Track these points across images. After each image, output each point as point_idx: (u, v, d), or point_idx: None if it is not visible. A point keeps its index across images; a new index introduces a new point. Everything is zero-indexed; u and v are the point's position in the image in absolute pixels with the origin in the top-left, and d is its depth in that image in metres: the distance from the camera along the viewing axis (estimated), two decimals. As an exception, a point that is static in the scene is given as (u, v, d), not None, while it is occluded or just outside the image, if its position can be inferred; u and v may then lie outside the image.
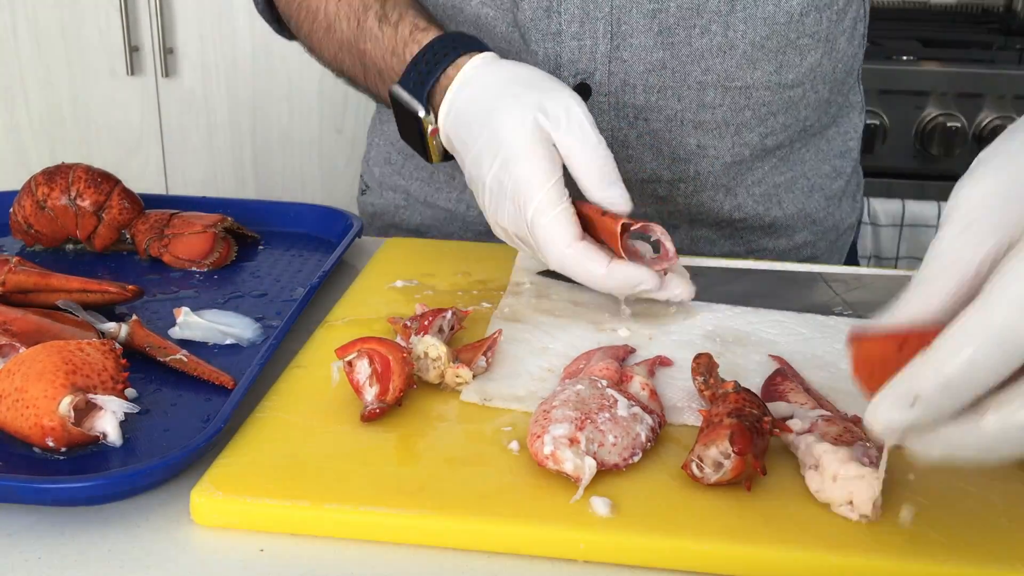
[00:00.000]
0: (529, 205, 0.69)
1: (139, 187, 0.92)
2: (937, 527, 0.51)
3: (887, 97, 1.76)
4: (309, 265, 0.85)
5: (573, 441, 0.53)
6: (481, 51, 0.76)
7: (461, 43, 0.78)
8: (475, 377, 0.63)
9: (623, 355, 0.67)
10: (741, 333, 0.72)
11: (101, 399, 0.56)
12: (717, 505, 0.52)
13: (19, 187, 0.87)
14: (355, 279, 0.80)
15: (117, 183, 0.86)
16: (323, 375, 0.64)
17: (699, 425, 0.57)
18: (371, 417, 0.58)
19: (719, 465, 0.52)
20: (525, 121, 0.69)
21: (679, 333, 0.72)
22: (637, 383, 0.61)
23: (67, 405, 0.54)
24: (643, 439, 0.56)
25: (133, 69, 2.03)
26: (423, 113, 0.77)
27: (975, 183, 0.44)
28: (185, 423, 0.60)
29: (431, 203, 1.02)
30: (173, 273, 0.83)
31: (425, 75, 0.77)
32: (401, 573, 0.50)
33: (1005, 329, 0.39)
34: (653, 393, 0.61)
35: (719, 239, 0.98)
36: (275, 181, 2.13)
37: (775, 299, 0.77)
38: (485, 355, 0.65)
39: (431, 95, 0.77)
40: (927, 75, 1.75)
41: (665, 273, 0.70)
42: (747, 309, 0.76)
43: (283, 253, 0.88)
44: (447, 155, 0.79)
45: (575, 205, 0.69)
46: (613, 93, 0.89)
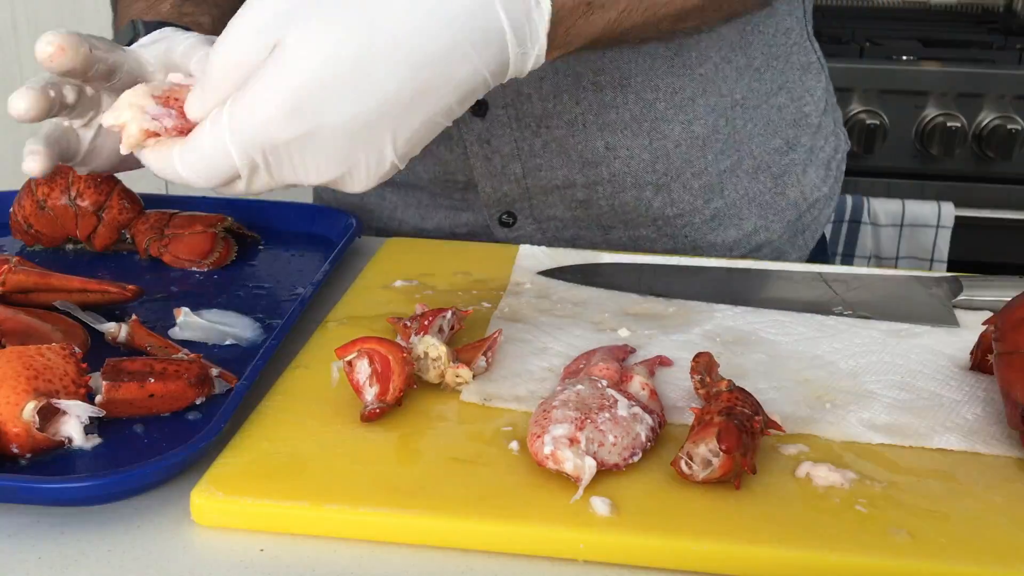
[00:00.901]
0: None
1: (139, 187, 0.92)
2: (937, 527, 0.51)
3: (887, 97, 1.76)
4: (309, 265, 0.85)
5: (573, 441, 0.53)
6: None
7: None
8: (475, 377, 0.63)
9: (623, 355, 0.67)
10: (741, 333, 0.72)
11: (65, 403, 0.55)
12: (717, 505, 0.52)
13: (19, 187, 0.87)
14: (355, 279, 0.80)
15: (117, 183, 0.86)
16: (323, 375, 0.64)
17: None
18: (371, 417, 0.58)
19: (708, 463, 0.52)
20: None
21: (679, 333, 0.72)
22: (637, 383, 0.61)
23: (31, 411, 0.54)
24: (643, 439, 0.56)
25: (133, 69, 2.03)
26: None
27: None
28: (185, 423, 0.60)
29: (365, 224, 1.01)
30: (173, 273, 0.83)
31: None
32: (401, 573, 0.50)
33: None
34: (653, 393, 0.61)
35: (659, 237, 0.95)
36: (275, 181, 2.13)
37: (775, 299, 0.77)
38: (485, 355, 0.65)
39: None
40: (927, 75, 1.75)
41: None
42: (747, 309, 0.76)
43: (283, 253, 0.88)
44: None
45: None
46: (511, 104, 0.88)
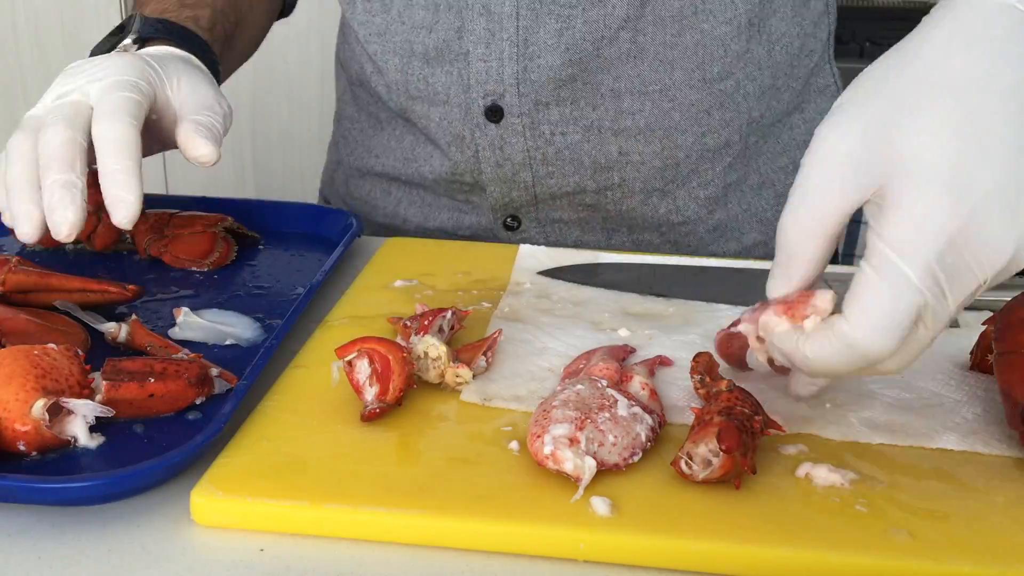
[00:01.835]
0: None
1: (139, 187, 0.92)
2: (937, 527, 0.51)
3: (887, 97, 1.75)
4: (309, 265, 0.85)
5: (573, 441, 0.53)
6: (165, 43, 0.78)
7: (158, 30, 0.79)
8: (475, 377, 0.63)
9: (623, 355, 0.67)
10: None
11: (72, 403, 0.56)
12: (717, 505, 0.52)
13: (19, 187, 0.87)
14: (355, 279, 0.80)
15: (117, 183, 0.86)
16: (323, 375, 0.64)
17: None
18: (371, 417, 0.58)
19: (708, 463, 0.52)
20: None
21: (679, 333, 0.72)
22: (637, 383, 0.61)
23: (41, 408, 0.54)
24: (643, 439, 0.56)
25: (133, 69, 2.03)
26: (129, 40, 0.78)
27: (835, 137, 0.50)
28: (185, 423, 0.60)
29: (370, 220, 1.03)
30: (173, 273, 0.83)
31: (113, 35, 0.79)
32: (401, 573, 0.50)
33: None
34: (653, 393, 0.61)
35: (662, 243, 0.96)
36: (275, 181, 2.13)
37: (775, 299, 0.77)
38: (485, 355, 0.65)
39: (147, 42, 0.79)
40: (927, 75, 1.74)
41: None
42: (747, 309, 0.76)
43: (283, 253, 0.88)
44: None
45: None
46: (527, 113, 0.88)
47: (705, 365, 0.62)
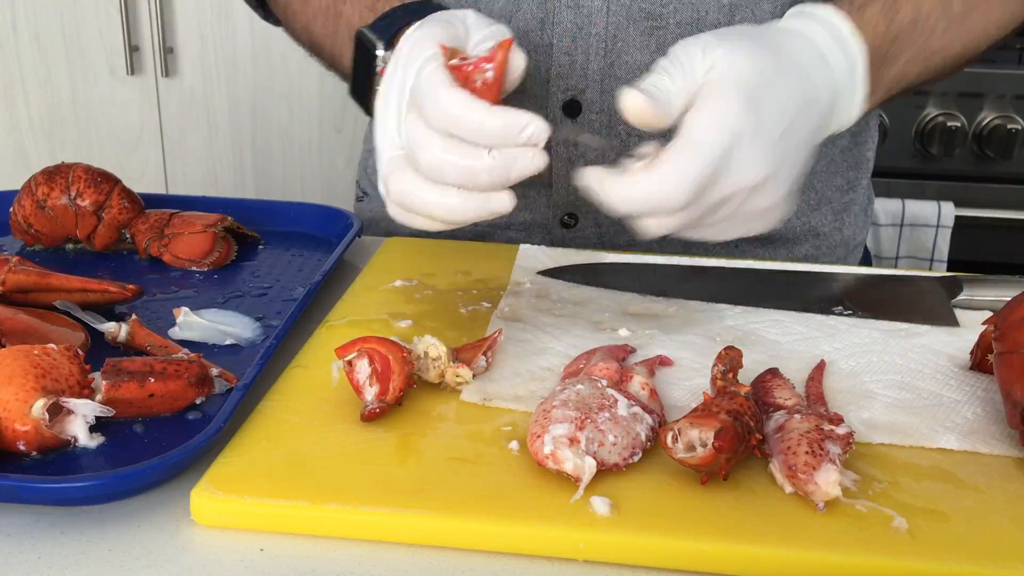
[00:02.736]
0: (412, 67, 0.64)
1: (139, 187, 0.92)
2: (937, 527, 0.51)
3: (887, 97, 1.76)
4: (309, 265, 0.85)
5: (573, 441, 0.53)
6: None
7: (437, 8, 0.73)
8: (475, 377, 0.63)
9: (623, 355, 0.67)
10: (741, 333, 0.72)
11: (73, 403, 0.55)
12: (717, 505, 0.52)
13: (19, 187, 0.87)
14: (355, 279, 0.80)
15: (117, 183, 0.86)
16: (323, 375, 0.64)
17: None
18: (371, 417, 0.58)
19: (692, 448, 0.52)
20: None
21: (679, 333, 0.72)
22: (637, 383, 0.61)
23: (41, 408, 0.54)
24: (643, 439, 0.56)
25: (133, 69, 2.03)
26: (381, 51, 0.71)
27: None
28: (185, 423, 0.60)
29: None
30: (173, 273, 0.83)
31: (394, 19, 0.72)
32: (401, 573, 0.50)
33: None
34: (653, 393, 0.61)
35: (716, 249, 0.95)
36: (275, 181, 2.13)
37: (775, 299, 0.77)
38: (485, 355, 0.65)
39: (394, 38, 0.71)
40: (927, 75, 1.75)
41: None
42: (747, 309, 0.76)
43: (283, 253, 0.88)
44: None
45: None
46: (606, 112, 0.88)
47: (731, 360, 0.62)
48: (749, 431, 0.54)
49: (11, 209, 0.86)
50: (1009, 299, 0.63)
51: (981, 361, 0.67)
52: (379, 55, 0.71)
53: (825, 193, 0.98)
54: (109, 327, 0.69)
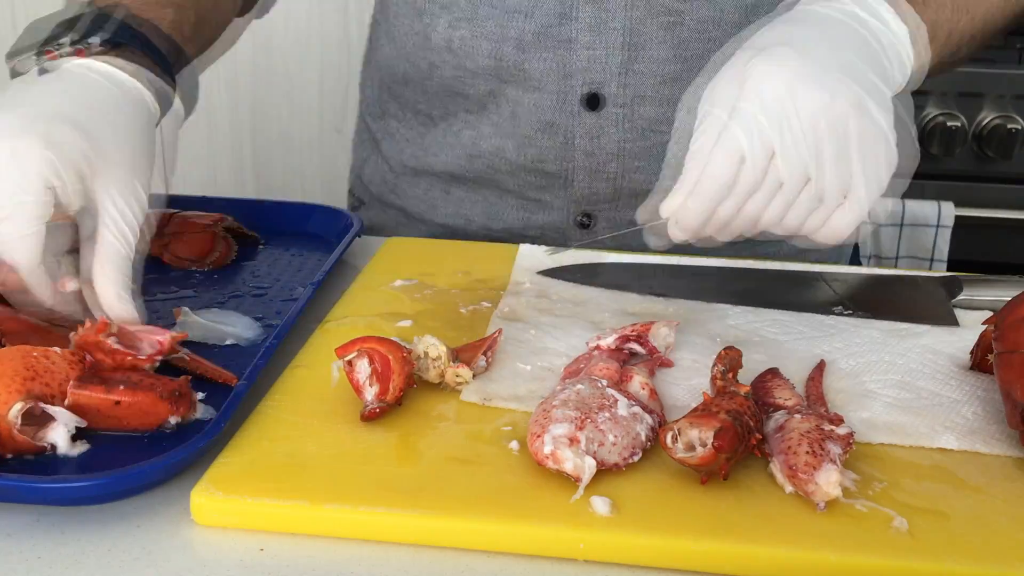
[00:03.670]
0: None
1: (139, 187, 0.91)
2: (937, 527, 0.51)
3: (887, 97, 1.76)
4: (309, 265, 0.85)
5: (573, 441, 0.53)
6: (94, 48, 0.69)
7: (95, 29, 0.70)
8: (475, 377, 0.63)
9: (623, 355, 0.67)
10: (741, 333, 0.72)
11: (53, 410, 0.55)
12: (717, 505, 0.52)
13: (19, 187, 0.86)
14: (355, 279, 0.80)
15: (117, 183, 0.86)
16: (323, 375, 0.64)
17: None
18: (371, 417, 0.58)
19: (691, 447, 0.53)
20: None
21: (679, 333, 0.71)
22: (637, 383, 0.61)
23: (16, 412, 0.53)
24: (643, 439, 0.56)
25: (133, 69, 2.03)
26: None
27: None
28: (184, 424, 0.60)
29: (428, 220, 1.01)
30: (173, 273, 0.83)
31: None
32: (401, 573, 0.50)
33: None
34: (653, 393, 0.61)
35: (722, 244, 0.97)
36: (275, 181, 2.13)
37: (775, 299, 0.77)
38: (485, 355, 0.65)
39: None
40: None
41: None
42: (747, 309, 0.76)
43: (283, 253, 0.88)
44: None
45: None
46: (627, 105, 0.88)
47: (731, 360, 0.62)
48: (749, 431, 0.54)
49: (11, 209, 0.86)
50: (1009, 299, 0.63)
51: (981, 361, 0.67)
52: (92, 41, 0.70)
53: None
54: (109, 327, 0.68)
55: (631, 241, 0.81)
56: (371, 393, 0.59)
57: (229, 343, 0.70)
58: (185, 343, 0.69)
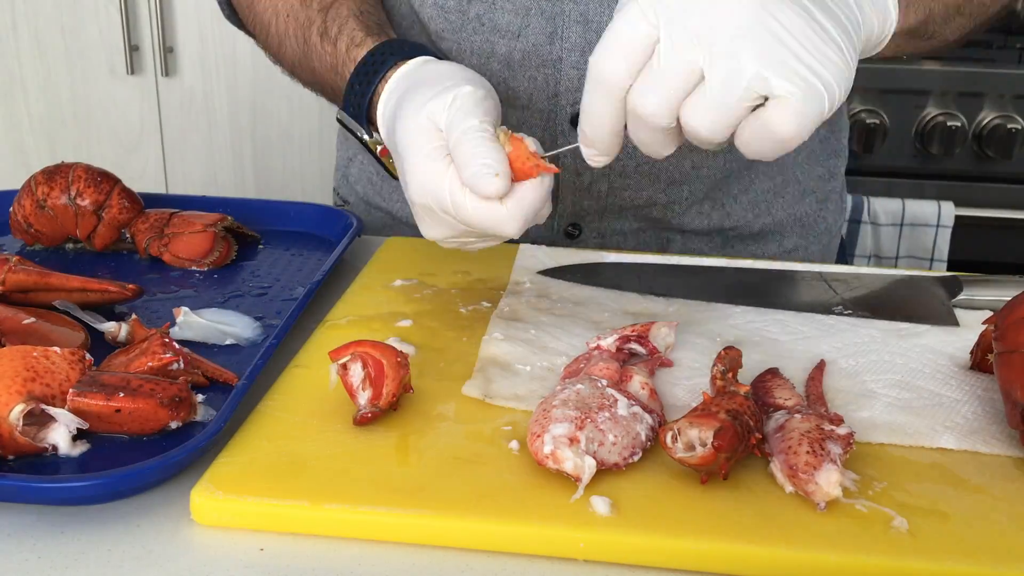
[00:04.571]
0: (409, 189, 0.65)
1: (139, 186, 0.92)
2: (937, 527, 0.51)
3: (887, 96, 1.76)
4: (309, 265, 0.85)
5: (573, 440, 0.53)
6: (412, 56, 0.72)
7: (391, 53, 0.73)
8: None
9: (623, 356, 0.67)
10: (741, 332, 0.72)
11: (54, 411, 0.55)
12: (717, 505, 0.52)
13: (19, 186, 0.87)
14: (355, 279, 0.80)
15: (117, 182, 0.86)
16: (323, 375, 0.64)
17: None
18: (363, 421, 0.58)
19: (691, 447, 0.53)
20: (418, 120, 0.65)
21: (679, 333, 0.72)
22: (637, 383, 0.61)
23: (17, 414, 0.53)
24: (643, 438, 0.56)
25: (133, 68, 2.03)
26: (366, 136, 0.74)
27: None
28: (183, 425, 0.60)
29: (415, 225, 1.01)
30: (173, 272, 0.83)
31: (360, 96, 0.73)
32: (401, 573, 0.50)
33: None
34: (653, 393, 0.61)
35: (710, 249, 0.98)
36: (275, 181, 2.13)
37: (775, 299, 0.77)
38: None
39: (371, 115, 0.73)
40: (927, 74, 1.75)
41: None
42: (747, 308, 0.76)
43: (283, 253, 0.88)
44: None
45: None
46: None
47: (731, 360, 0.62)
48: (748, 430, 0.54)
49: (11, 209, 0.86)
50: (1009, 299, 0.63)
51: (981, 361, 0.67)
52: (367, 140, 0.74)
53: (807, 183, 1.00)
54: (109, 327, 0.69)
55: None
56: (364, 397, 0.59)
57: (229, 343, 0.70)
58: (185, 343, 0.69)
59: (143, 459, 0.53)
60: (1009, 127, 1.72)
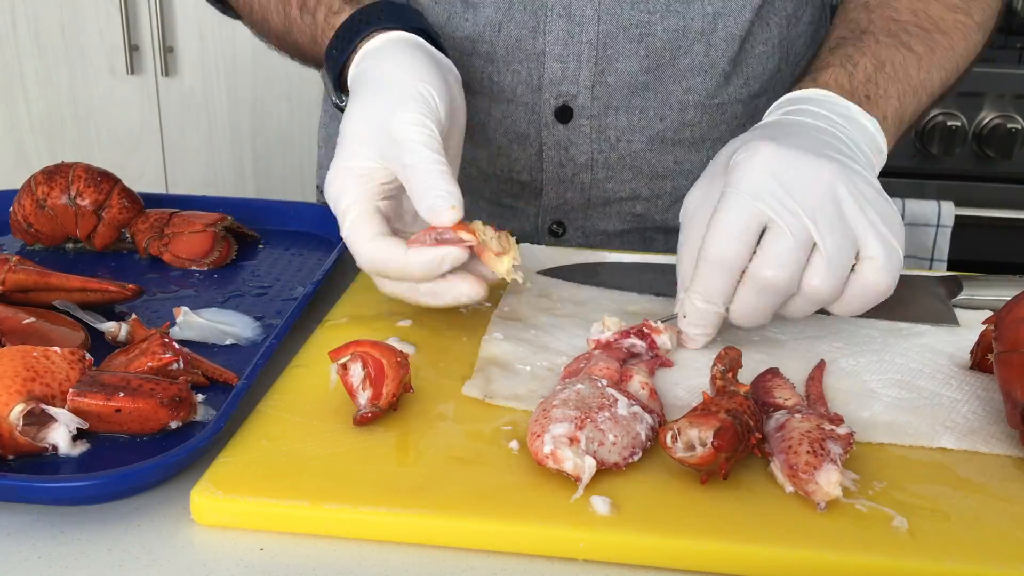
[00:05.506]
0: (338, 210, 0.68)
1: (139, 186, 0.92)
2: (937, 526, 0.51)
3: (887, 96, 1.75)
4: (309, 265, 0.85)
5: (573, 440, 0.53)
6: (389, 26, 0.72)
7: (366, 22, 0.73)
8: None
9: (623, 355, 0.67)
10: (741, 332, 0.72)
11: (54, 411, 0.55)
12: (717, 505, 0.52)
13: (19, 186, 0.87)
14: (355, 279, 0.80)
15: (117, 182, 0.86)
16: (323, 375, 0.64)
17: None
18: (363, 421, 0.58)
19: (691, 447, 0.53)
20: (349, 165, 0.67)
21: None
22: (637, 383, 0.61)
23: (17, 414, 0.53)
24: (643, 438, 0.56)
25: (133, 68, 2.03)
26: (340, 103, 0.74)
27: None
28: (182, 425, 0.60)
29: None
30: (173, 272, 0.83)
31: (335, 65, 0.73)
32: (401, 573, 0.50)
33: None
34: (653, 392, 0.61)
35: None
36: (275, 181, 2.13)
37: (775, 299, 0.77)
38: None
39: (343, 84, 0.73)
40: (927, 74, 1.74)
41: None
42: (747, 309, 0.76)
43: (283, 252, 0.88)
44: None
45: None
46: (596, 116, 0.89)
47: (731, 360, 0.62)
48: (748, 430, 0.54)
49: (11, 208, 0.86)
50: (1009, 299, 0.63)
51: (981, 361, 0.67)
52: (343, 106, 0.73)
53: None
54: (109, 327, 0.69)
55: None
56: (364, 397, 0.59)
57: (229, 343, 0.70)
58: (185, 343, 0.69)
59: (143, 459, 0.53)
60: (1009, 127, 1.71)
